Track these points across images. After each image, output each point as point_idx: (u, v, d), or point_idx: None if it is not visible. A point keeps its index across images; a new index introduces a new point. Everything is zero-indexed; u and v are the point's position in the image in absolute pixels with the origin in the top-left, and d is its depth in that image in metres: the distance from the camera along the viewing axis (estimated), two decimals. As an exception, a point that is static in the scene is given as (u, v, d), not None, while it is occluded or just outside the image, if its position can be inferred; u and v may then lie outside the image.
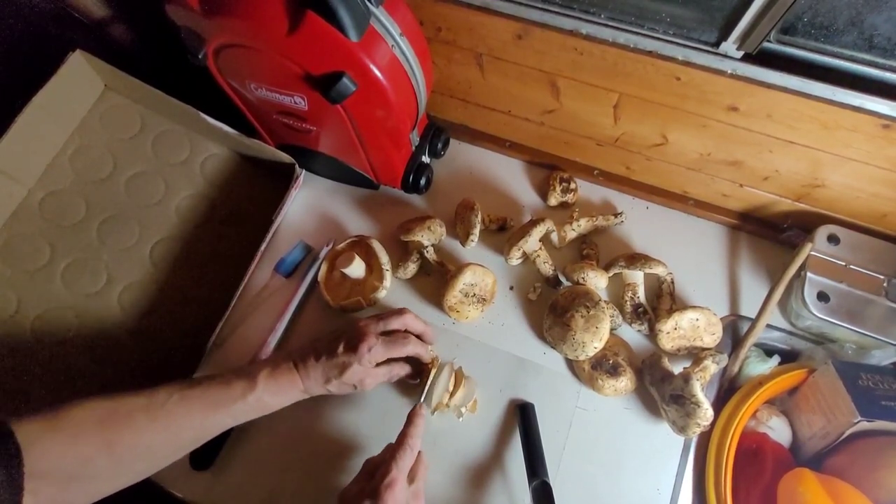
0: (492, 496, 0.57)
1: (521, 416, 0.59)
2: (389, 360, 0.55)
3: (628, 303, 0.64)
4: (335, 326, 0.59)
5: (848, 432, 0.53)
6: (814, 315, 0.58)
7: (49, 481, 0.40)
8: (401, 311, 0.57)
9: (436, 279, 0.67)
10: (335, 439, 0.59)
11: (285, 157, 0.68)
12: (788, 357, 0.64)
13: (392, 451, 0.48)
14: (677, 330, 0.60)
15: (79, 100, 0.68)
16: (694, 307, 0.60)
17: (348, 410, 0.61)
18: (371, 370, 0.53)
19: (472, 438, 0.59)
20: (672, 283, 0.65)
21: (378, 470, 0.46)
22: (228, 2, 0.49)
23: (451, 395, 0.56)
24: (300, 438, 0.60)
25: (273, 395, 0.51)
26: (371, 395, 0.61)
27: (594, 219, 0.68)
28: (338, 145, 0.65)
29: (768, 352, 0.63)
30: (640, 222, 0.71)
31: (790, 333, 0.64)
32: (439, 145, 0.73)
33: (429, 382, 0.55)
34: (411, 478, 0.48)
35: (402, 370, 0.57)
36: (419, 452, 0.51)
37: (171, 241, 0.69)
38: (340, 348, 0.52)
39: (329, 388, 0.53)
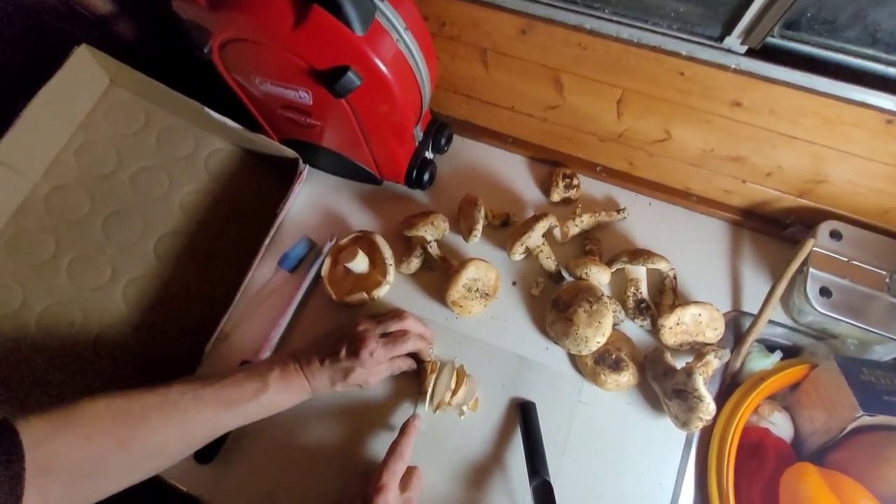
0: (493, 495, 0.57)
1: (523, 416, 0.59)
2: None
3: (631, 298, 0.64)
4: (335, 326, 0.59)
5: (850, 427, 0.53)
6: (816, 311, 0.58)
7: (60, 479, 0.40)
8: (400, 315, 0.58)
9: (439, 274, 0.67)
10: (336, 437, 0.60)
11: (289, 153, 0.68)
12: (790, 353, 0.64)
13: (384, 459, 0.50)
14: (680, 325, 0.60)
15: (84, 94, 0.68)
16: (696, 303, 0.60)
17: (349, 409, 0.61)
18: (374, 369, 0.54)
19: (474, 437, 0.59)
20: (674, 278, 0.65)
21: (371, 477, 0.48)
22: (234, -4, 0.49)
23: (453, 393, 0.57)
24: (302, 435, 0.60)
25: (283, 395, 0.52)
26: (372, 395, 0.61)
27: (597, 214, 0.69)
28: (342, 140, 0.65)
29: (770, 347, 0.63)
30: (643, 218, 0.71)
31: (792, 329, 0.64)
32: (443, 141, 0.73)
33: (430, 384, 0.56)
34: (404, 486, 0.50)
35: (405, 363, 0.58)
36: (416, 468, 0.53)
37: (176, 235, 0.69)
38: (343, 353, 0.54)
39: (335, 389, 0.55)
